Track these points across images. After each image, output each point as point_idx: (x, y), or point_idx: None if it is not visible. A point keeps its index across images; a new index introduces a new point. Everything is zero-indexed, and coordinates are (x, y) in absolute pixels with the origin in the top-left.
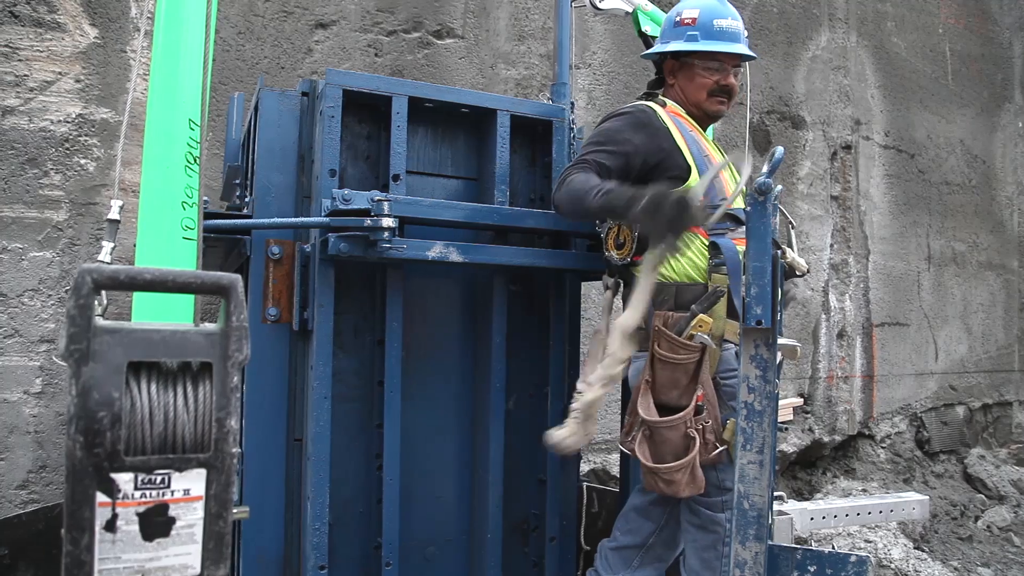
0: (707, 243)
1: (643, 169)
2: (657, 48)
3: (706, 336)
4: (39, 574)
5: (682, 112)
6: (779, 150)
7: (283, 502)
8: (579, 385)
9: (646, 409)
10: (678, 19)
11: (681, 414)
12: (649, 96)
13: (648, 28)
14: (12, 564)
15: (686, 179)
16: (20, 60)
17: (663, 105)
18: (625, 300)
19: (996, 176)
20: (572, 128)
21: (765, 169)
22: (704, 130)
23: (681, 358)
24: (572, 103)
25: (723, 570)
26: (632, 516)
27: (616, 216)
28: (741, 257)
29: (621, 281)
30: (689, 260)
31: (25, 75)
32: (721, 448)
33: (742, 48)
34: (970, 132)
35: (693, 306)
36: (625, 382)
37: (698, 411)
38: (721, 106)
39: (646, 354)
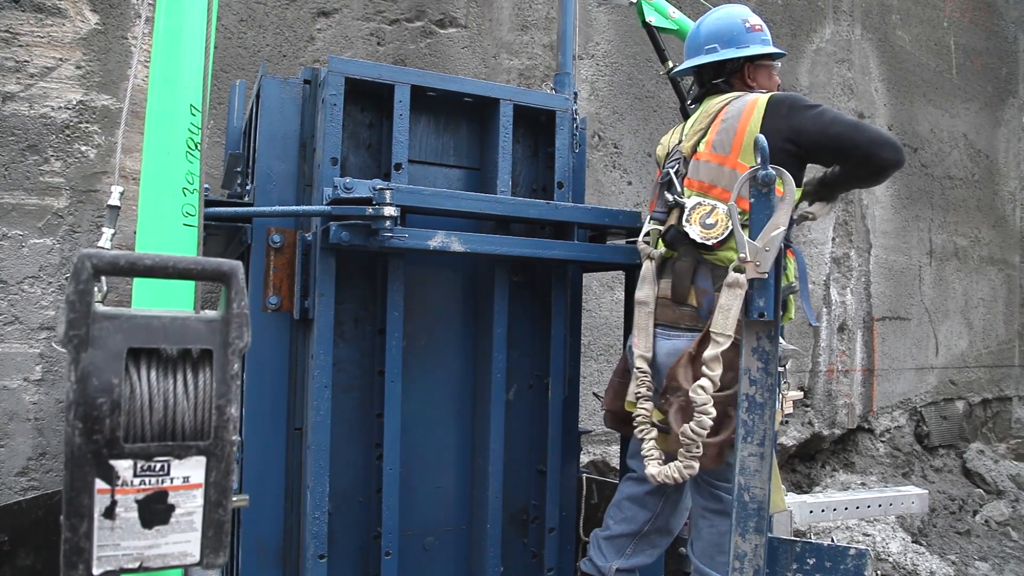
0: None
1: None
2: (737, 54)
3: None
4: (39, 561)
5: None
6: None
7: (283, 491)
8: (636, 354)
9: (689, 382)
10: (748, 25)
11: (729, 392)
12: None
13: (652, 18)
14: (12, 551)
15: None
16: (20, 46)
17: None
18: (695, 276)
19: (999, 171)
20: (575, 118)
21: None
22: None
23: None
24: (575, 93)
25: None
26: (627, 505)
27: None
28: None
29: (706, 260)
30: None
31: (26, 61)
32: None
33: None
34: (973, 127)
35: None
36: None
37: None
38: None
39: (684, 333)
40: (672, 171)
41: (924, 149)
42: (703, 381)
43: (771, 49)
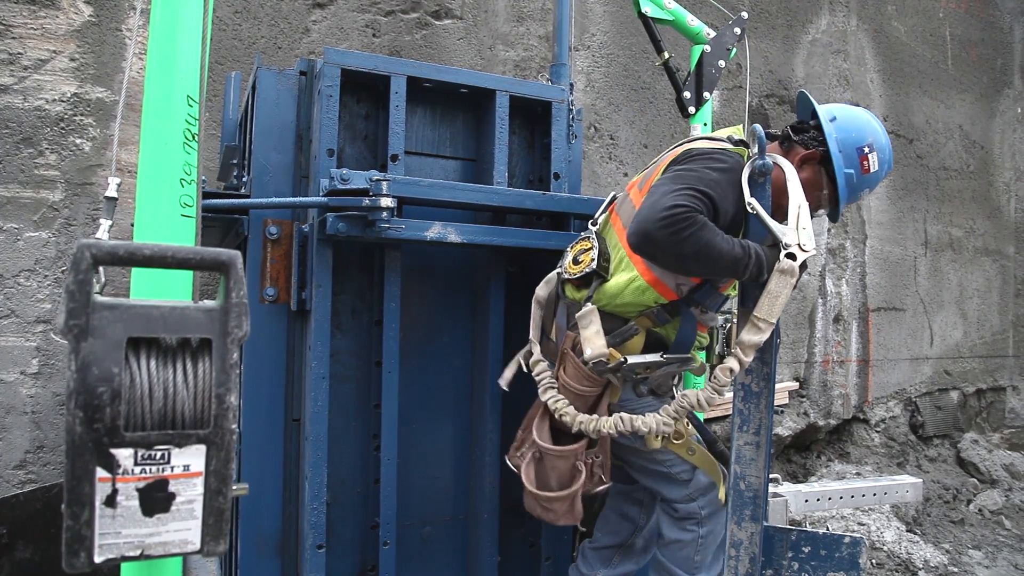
0: (665, 302)
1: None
2: (832, 142)
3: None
4: (37, 553)
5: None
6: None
7: (281, 482)
8: (533, 349)
9: (540, 433)
10: (866, 151)
11: (575, 446)
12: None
13: (648, 9)
14: (10, 543)
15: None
16: (14, 38)
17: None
18: (556, 310)
19: (994, 162)
20: (571, 109)
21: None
22: None
23: (584, 389)
24: (571, 84)
25: (696, 563)
26: (612, 518)
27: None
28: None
29: (564, 295)
30: (630, 298)
31: (19, 53)
32: (606, 484)
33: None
34: (969, 117)
35: (607, 337)
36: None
37: (591, 444)
38: None
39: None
40: (617, 195)
41: (919, 140)
42: (731, 362)
43: (840, 182)
